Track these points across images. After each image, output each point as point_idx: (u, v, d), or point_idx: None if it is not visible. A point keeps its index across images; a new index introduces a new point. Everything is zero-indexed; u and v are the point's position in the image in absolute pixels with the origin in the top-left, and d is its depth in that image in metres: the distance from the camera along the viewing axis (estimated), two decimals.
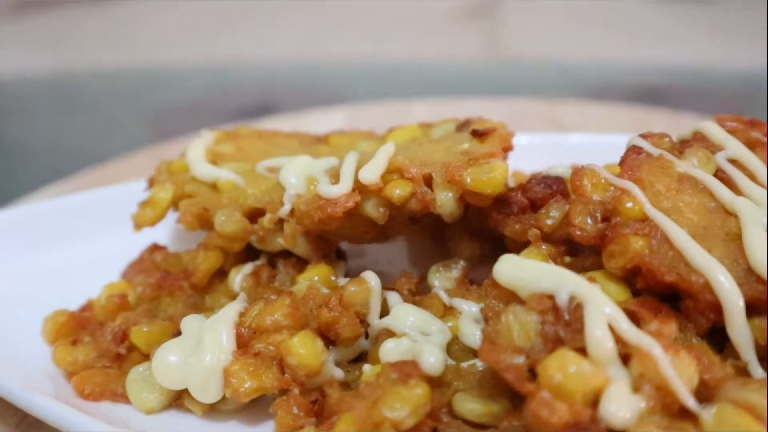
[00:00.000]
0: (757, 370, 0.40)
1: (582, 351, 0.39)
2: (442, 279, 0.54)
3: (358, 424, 0.41)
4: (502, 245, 0.55)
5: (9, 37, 2.48)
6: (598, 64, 1.72)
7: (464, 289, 0.53)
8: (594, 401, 0.37)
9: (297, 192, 0.53)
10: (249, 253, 0.58)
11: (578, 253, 0.50)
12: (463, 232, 0.57)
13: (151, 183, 0.59)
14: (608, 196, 0.46)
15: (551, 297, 0.41)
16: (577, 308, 0.40)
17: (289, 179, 0.54)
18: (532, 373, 0.39)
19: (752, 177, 0.47)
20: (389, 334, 0.48)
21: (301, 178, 0.54)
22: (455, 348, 0.48)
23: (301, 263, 0.56)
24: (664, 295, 0.43)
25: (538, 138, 0.78)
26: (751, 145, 0.50)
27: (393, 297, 0.51)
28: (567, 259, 0.50)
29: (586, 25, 2.28)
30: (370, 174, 0.51)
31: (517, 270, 0.44)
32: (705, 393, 0.39)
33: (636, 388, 0.38)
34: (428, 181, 0.52)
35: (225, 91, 1.66)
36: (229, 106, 1.49)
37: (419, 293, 0.54)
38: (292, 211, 0.53)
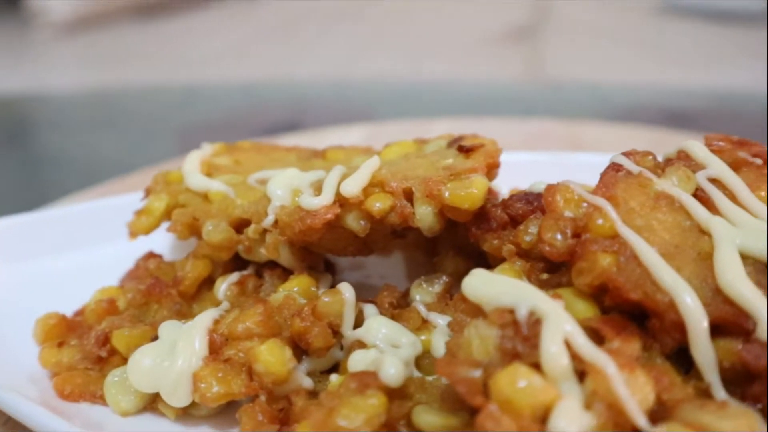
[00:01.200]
0: (719, 392, 0.39)
1: (538, 366, 0.39)
2: (423, 293, 0.54)
3: None
4: (486, 261, 0.55)
5: (62, 55, 2.59)
6: (637, 87, 1.70)
7: (443, 304, 0.53)
8: (544, 417, 0.37)
9: (282, 203, 0.54)
10: (238, 263, 0.59)
11: (557, 269, 0.50)
12: (449, 247, 0.57)
13: (148, 192, 0.60)
14: (581, 213, 0.45)
15: (512, 312, 0.41)
16: (536, 323, 0.40)
17: (276, 191, 0.55)
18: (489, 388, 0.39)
19: (732, 197, 0.46)
20: (362, 345, 0.49)
21: (287, 190, 0.55)
22: (426, 362, 0.48)
23: (287, 274, 0.56)
24: (632, 313, 0.43)
25: (542, 156, 0.77)
26: (737, 165, 0.49)
27: (369, 309, 0.52)
28: (544, 275, 0.49)
29: (627, 48, 2.25)
30: (351, 187, 0.52)
31: (483, 284, 0.44)
32: (663, 413, 0.38)
33: (588, 406, 0.37)
34: (409, 195, 0.52)
35: (258, 107, 1.70)
36: (259, 122, 1.52)
37: (401, 306, 0.54)
38: (276, 222, 0.54)
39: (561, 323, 0.39)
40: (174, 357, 0.47)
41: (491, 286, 0.43)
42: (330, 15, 2.88)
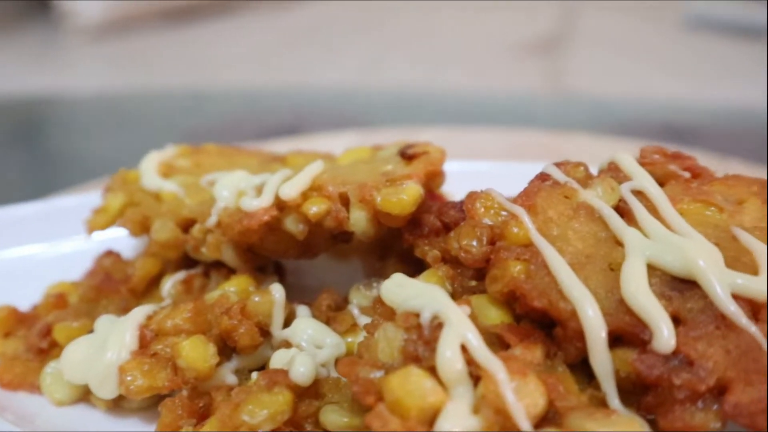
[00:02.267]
0: (613, 401, 0.39)
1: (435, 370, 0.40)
2: (359, 297, 0.55)
3: (220, 427, 0.42)
4: (427, 266, 0.56)
5: (86, 58, 2.65)
6: (655, 102, 1.69)
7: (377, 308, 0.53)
8: (432, 419, 0.38)
9: (225, 204, 0.55)
10: (189, 262, 0.60)
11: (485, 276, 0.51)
12: (393, 252, 0.58)
13: (106, 191, 0.62)
14: (499, 221, 0.46)
15: (417, 315, 0.42)
16: (437, 328, 0.41)
17: (221, 192, 0.56)
18: None
19: (654, 210, 0.46)
20: (288, 345, 0.50)
21: (232, 191, 0.56)
22: None
23: (233, 274, 0.58)
24: (542, 322, 0.43)
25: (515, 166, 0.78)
26: (667, 177, 0.50)
27: (302, 310, 0.53)
28: (472, 282, 0.50)
29: (651, 63, 2.23)
30: (289, 190, 0.53)
31: (397, 288, 0.45)
32: (556, 420, 0.39)
33: (476, 410, 0.38)
34: (345, 200, 0.53)
35: (271, 112, 1.72)
36: (266, 126, 1.54)
37: (340, 309, 0.55)
38: (218, 223, 0.55)
39: (460, 328, 0.40)
40: (104, 350, 0.48)
41: (403, 290, 0.44)
42: (352, 23, 2.90)
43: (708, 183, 0.49)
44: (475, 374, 0.39)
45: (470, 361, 0.39)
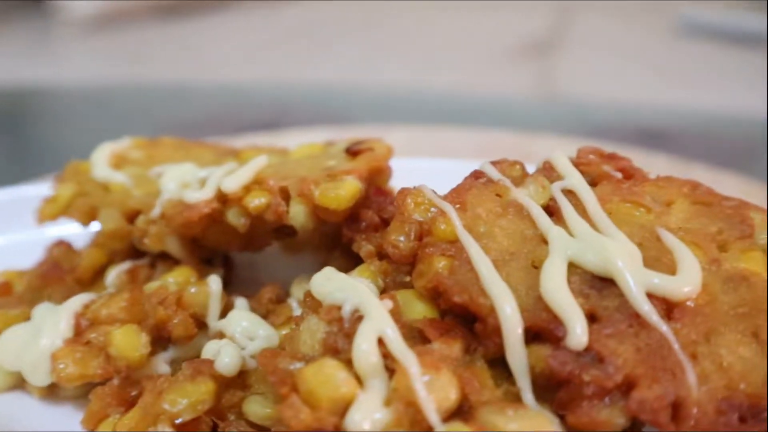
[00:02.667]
0: (527, 396, 0.40)
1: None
2: (299, 290, 0.55)
3: (142, 415, 0.43)
4: None
5: (78, 51, 2.65)
6: (645, 106, 1.69)
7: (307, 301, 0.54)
8: (344, 410, 0.38)
9: (170, 196, 0.56)
10: (138, 253, 0.61)
11: None
12: (337, 247, 0.59)
13: (57, 181, 0.63)
14: (428, 217, 0.46)
15: (340, 308, 0.42)
16: (357, 321, 0.41)
17: (168, 184, 0.57)
18: None
19: (583, 209, 0.47)
20: (224, 336, 0.50)
21: (178, 183, 0.57)
22: None
23: (178, 266, 0.58)
24: (465, 317, 0.43)
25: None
26: (600, 178, 0.50)
27: (240, 303, 0.53)
28: (407, 278, 0.50)
29: (643, 68, 2.23)
30: (231, 183, 0.53)
31: (325, 281, 0.45)
32: (469, 414, 0.39)
33: (387, 402, 0.38)
34: (286, 194, 0.54)
35: (257, 107, 1.72)
36: (250, 120, 1.55)
37: (282, 302, 0.56)
38: (162, 215, 0.56)
39: (378, 322, 0.41)
40: (38, 337, 0.49)
41: (330, 283, 0.45)
42: (345, 22, 2.90)
43: (640, 184, 0.49)
44: (391, 367, 0.40)
45: (387, 355, 0.40)
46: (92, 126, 1.66)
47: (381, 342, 0.40)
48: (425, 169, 0.68)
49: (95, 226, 0.59)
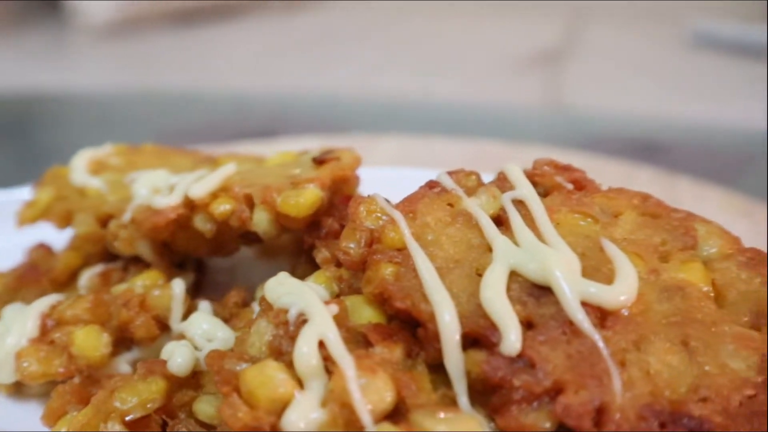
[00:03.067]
0: (462, 399, 0.41)
1: None
2: (261, 294, 0.57)
3: (94, 412, 0.44)
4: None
5: (90, 57, 2.69)
6: (652, 118, 1.69)
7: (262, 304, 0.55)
8: (282, 410, 0.40)
9: (141, 202, 0.58)
10: (113, 257, 0.63)
11: None
12: (303, 253, 0.60)
13: (37, 186, 0.65)
14: (379, 225, 0.48)
15: (287, 312, 0.44)
16: (301, 324, 0.43)
17: (140, 190, 0.59)
18: None
19: (532, 219, 0.48)
20: (184, 338, 0.52)
21: (150, 189, 0.59)
22: None
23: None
24: (410, 323, 0.45)
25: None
26: (552, 188, 0.51)
27: (203, 306, 0.55)
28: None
29: (652, 80, 2.23)
30: (198, 190, 0.55)
31: (276, 285, 0.47)
32: (404, 416, 0.40)
33: (324, 403, 0.40)
34: (251, 201, 0.55)
35: (260, 116, 1.75)
36: (242, 129, 1.57)
37: (247, 306, 0.57)
38: (133, 219, 0.57)
39: (320, 326, 0.42)
40: (5, 336, 0.51)
41: (281, 287, 0.46)
42: (355, 30, 2.92)
43: (590, 195, 0.50)
44: (331, 370, 0.41)
45: (327, 358, 0.41)
46: (99, 132, 1.70)
47: (324, 345, 0.42)
48: (410, 177, 0.70)
49: (71, 230, 0.61)
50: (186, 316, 0.54)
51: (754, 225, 0.84)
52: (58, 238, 0.66)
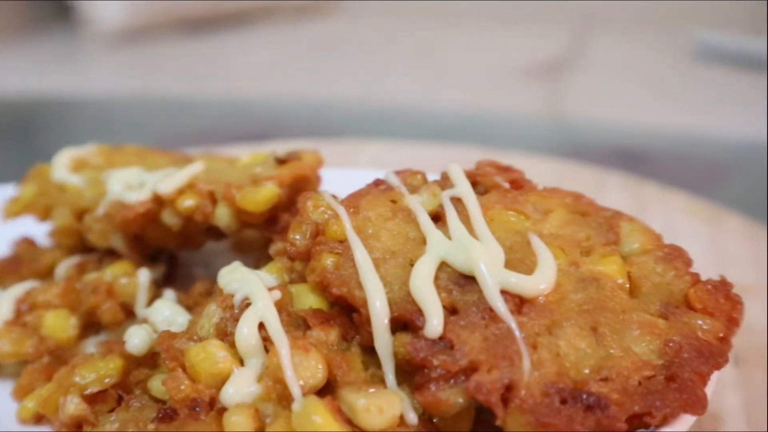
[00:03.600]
0: (389, 378, 0.45)
1: None
2: None
3: (57, 386, 0.48)
4: None
5: (99, 62, 2.75)
6: (650, 131, 1.71)
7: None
8: (221, 384, 0.43)
9: (114, 197, 0.62)
10: (90, 249, 0.67)
11: None
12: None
13: (22, 182, 0.69)
14: (324, 218, 0.52)
15: (233, 296, 0.48)
16: (245, 307, 0.47)
17: (114, 186, 0.63)
18: None
19: (466, 216, 0.51)
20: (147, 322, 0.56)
21: (123, 185, 0.63)
22: None
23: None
24: (348, 309, 0.48)
25: None
26: (491, 187, 0.55)
27: (168, 294, 0.59)
28: None
29: (654, 92, 2.24)
30: (165, 186, 0.59)
31: (227, 274, 0.51)
32: (332, 392, 0.44)
33: (260, 379, 0.43)
34: (213, 197, 0.59)
35: (263, 121, 1.79)
36: (237, 133, 1.62)
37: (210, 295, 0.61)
38: (106, 214, 0.61)
39: (261, 309, 0.46)
40: None
41: (232, 275, 0.50)
42: (358, 40, 2.96)
43: (525, 194, 0.54)
44: (270, 349, 0.45)
45: (267, 338, 0.45)
46: (104, 135, 1.74)
47: (264, 327, 0.46)
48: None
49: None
50: (152, 303, 0.58)
51: (717, 229, 0.87)
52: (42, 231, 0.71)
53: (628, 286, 0.48)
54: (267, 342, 0.45)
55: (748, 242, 0.82)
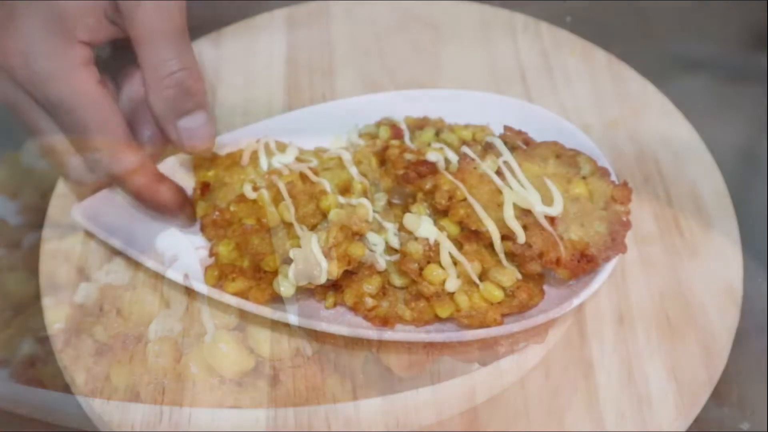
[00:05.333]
0: (504, 263, 0.68)
1: None
2: None
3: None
4: None
5: None
6: None
7: None
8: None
9: None
10: None
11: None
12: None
13: None
14: (453, 188, 0.74)
15: None
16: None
17: None
18: None
19: (512, 172, 0.71)
20: None
21: None
22: None
23: None
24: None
25: None
26: (514, 148, 0.74)
27: None
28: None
29: None
30: None
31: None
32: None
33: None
34: None
35: None
36: None
37: None
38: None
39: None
40: None
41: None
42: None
43: (533, 149, 0.74)
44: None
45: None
46: None
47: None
48: None
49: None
50: None
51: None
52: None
53: (588, 196, 0.68)
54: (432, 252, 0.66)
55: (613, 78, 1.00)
